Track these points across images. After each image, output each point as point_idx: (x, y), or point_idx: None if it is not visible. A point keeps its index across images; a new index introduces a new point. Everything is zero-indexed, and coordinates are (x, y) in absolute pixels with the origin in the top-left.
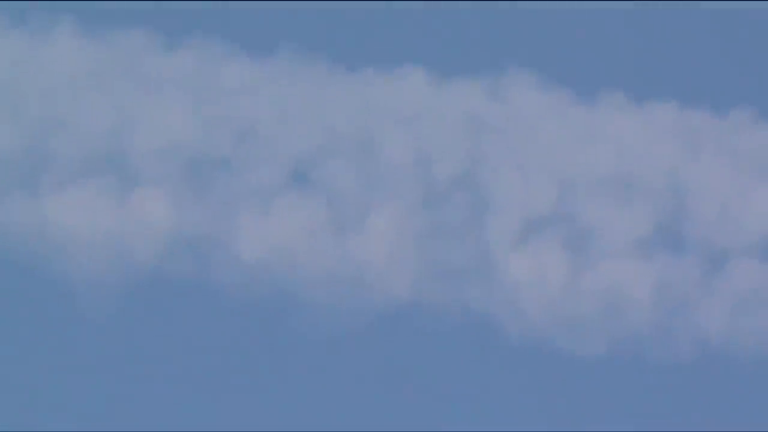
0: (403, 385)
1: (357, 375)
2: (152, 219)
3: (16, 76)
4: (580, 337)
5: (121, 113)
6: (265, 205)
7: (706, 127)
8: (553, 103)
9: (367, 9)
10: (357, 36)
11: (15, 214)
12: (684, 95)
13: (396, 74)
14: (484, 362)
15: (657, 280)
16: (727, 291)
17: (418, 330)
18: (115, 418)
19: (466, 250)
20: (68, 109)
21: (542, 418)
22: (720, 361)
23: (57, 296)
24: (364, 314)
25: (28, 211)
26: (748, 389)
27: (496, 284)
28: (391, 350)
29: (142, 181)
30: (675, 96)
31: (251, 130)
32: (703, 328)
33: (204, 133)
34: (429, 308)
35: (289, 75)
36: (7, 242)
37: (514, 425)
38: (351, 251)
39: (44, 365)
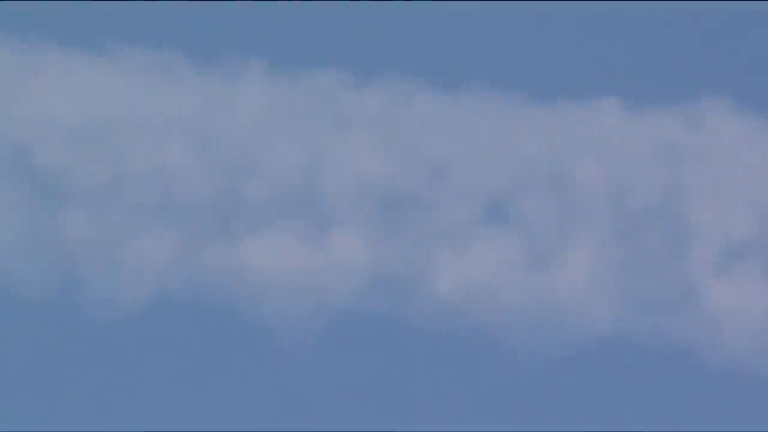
0: (607, 417)
1: (559, 410)
2: (347, 259)
3: (207, 118)
4: None
5: (313, 153)
6: (461, 241)
7: None
8: (750, 129)
9: (557, 42)
10: (549, 68)
11: (211, 258)
12: None
13: (589, 105)
14: (686, 393)
15: None
16: None
17: (620, 362)
18: None
19: (665, 281)
20: (260, 151)
21: None
22: None
23: (255, 339)
24: (564, 348)
25: (224, 255)
26: None
27: (698, 314)
28: (592, 383)
29: (336, 221)
30: None
31: (444, 166)
32: None
33: (397, 170)
34: (629, 340)
35: (480, 109)
36: (205, 287)
37: None
38: (549, 285)
39: (245, 407)
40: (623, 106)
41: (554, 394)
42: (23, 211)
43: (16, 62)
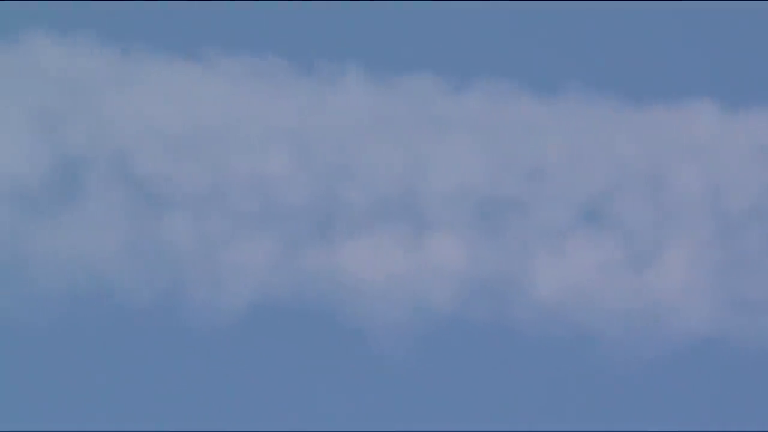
0: (704, 418)
1: (657, 411)
2: (446, 262)
3: (306, 124)
4: None
5: (411, 157)
6: (559, 244)
7: None
8: None
9: (654, 44)
10: (645, 70)
11: (310, 262)
12: None
13: (686, 107)
14: None
15: None
16: None
17: (717, 363)
18: None
19: (763, 281)
20: (358, 156)
21: None
22: None
23: (353, 343)
24: (661, 349)
25: (323, 260)
26: None
27: None
28: (690, 384)
29: (434, 224)
30: None
31: (542, 168)
32: None
33: (495, 174)
34: (727, 341)
35: (578, 112)
36: (304, 291)
37: None
38: (647, 287)
39: (343, 410)
40: (719, 108)
41: (652, 395)
42: (125, 218)
43: (118, 70)
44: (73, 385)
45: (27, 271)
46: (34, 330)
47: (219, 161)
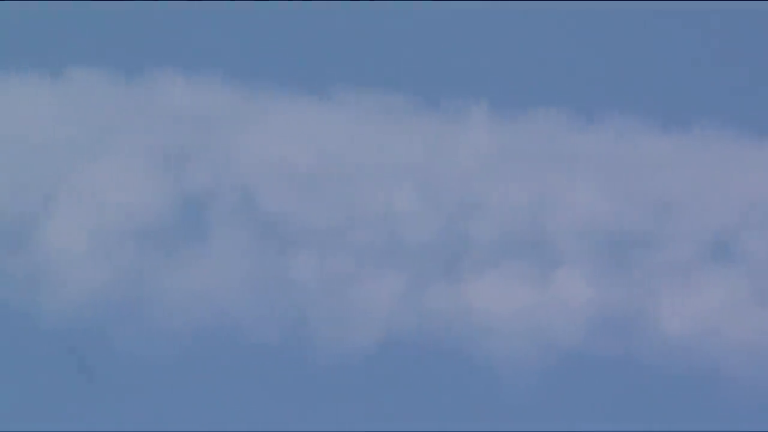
0: None
1: None
2: (573, 298)
3: (432, 161)
4: None
5: (537, 193)
6: (686, 279)
7: None
8: None
9: None
10: None
11: (436, 299)
12: None
13: None
14: None
15: None
16: None
17: None
18: None
19: None
20: (485, 192)
21: None
22: None
23: (480, 379)
24: None
25: (450, 296)
26: None
27: None
28: None
29: (562, 260)
30: None
31: (669, 204)
32: None
33: (622, 209)
34: None
35: (705, 147)
36: (430, 328)
37: None
38: None
39: None
40: None
41: None
42: (250, 255)
43: (243, 108)
44: (198, 420)
45: (152, 307)
46: (160, 365)
47: (345, 198)
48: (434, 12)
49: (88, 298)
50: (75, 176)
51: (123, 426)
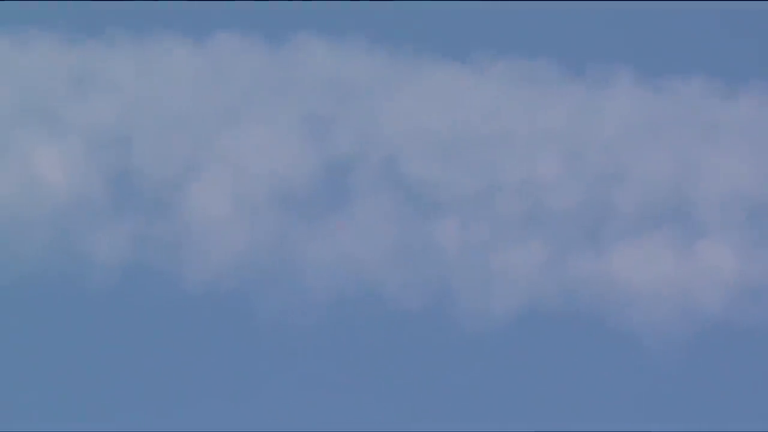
0: None
1: None
2: (716, 267)
3: (576, 128)
4: None
5: (681, 162)
6: None
7: None
8: None
9: None
10: None
11: (579, 267)
12: None
13: None
14: None
15: None
16: None
17: None
18: None
19: None
20: (629, 161)
21: None
22: None
23: (623, 347)
24: None
25: (592, 263)
26: None
27: None
28: None
29: (705, 229)
30: None
31: None
32: None
33: (767, 178)
34: None
35: None
36: (572, 295)
37: None
38: None
39: (609, 412)
40: None
41: None
42: (394, 222)
43: (388, 74)
44: (339, 387)
45: (296, 273)
46: (303, 332)
47: (488, 165)
48: None
49: (232, 264)
50: (219, 142)
51: (264, 392)
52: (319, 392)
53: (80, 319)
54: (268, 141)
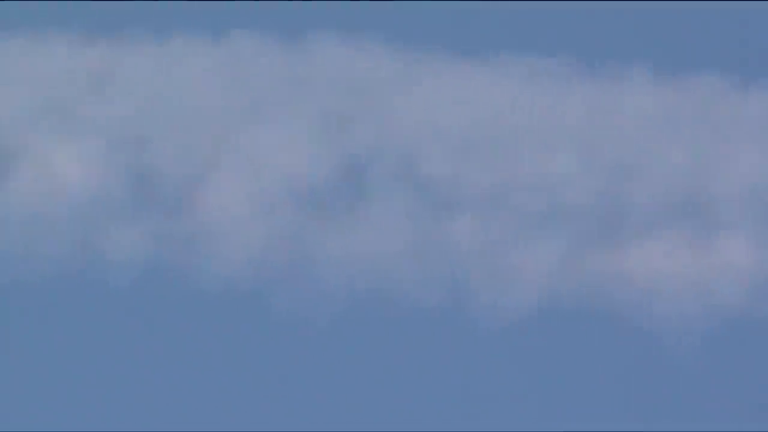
0: None
1: None
2: (734, 262)
3: (592, 124)
4: None
5: (698, 157)
6: None
7: None
8: None
9: None
10: None
11: (596, 263)
12: None
13: None
14: None
15: None
16: None
17: None
18: None
19: None
20: (645, 156)
21: None
22: None
23: (642, 343)
24: None
25: (610, 260)
26: None
27: None
28: None
29: (722, 225)
30: None
31: None
32: None
33: None
34: None
35: None
36: (590, 292)
37: None
38: None
39: (629, 409)
40: None
41: None
42: (411, 219)
43: (404, 72)
44: (355, 383)
45: (313, 271)
46: (320, 329)
47: (505, 162)
48: None
49: (249, 262)
50: (236, 140)
51: (280, 389)
52: (335, 390)
53: (99, 317)
54: (286, 139)
